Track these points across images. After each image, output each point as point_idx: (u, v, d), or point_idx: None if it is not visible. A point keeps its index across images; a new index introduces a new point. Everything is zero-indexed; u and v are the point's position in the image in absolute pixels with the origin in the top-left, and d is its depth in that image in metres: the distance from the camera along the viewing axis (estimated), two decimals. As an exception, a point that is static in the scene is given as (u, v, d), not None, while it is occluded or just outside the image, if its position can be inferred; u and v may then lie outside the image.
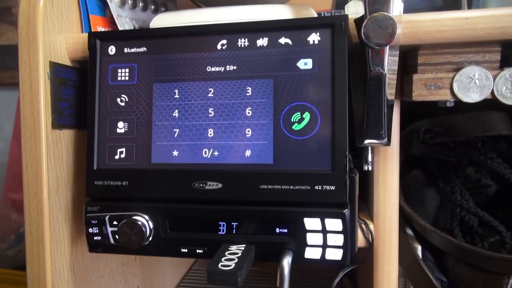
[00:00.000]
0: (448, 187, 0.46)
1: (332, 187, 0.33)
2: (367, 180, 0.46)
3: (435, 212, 0.47)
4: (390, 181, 0.42)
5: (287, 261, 0.32)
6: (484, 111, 0.45)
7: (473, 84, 0.37)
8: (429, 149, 0.48)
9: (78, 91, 0.42)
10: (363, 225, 0.42)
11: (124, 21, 0.47)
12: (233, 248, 0.34)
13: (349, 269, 0.47)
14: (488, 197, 0.47)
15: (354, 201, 0.35)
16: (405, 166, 0.51)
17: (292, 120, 0.35)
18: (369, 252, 0.43)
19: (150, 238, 0.36)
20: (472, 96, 0.37)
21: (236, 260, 0.31)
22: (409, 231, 0.47)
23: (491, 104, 0.45)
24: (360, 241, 0.42)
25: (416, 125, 0.50)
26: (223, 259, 0.31)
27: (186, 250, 0.36)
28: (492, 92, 0.37)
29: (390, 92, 0.37)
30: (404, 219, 0.47)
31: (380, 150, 0.42)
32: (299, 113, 0.35)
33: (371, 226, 0.43)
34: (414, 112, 0.49)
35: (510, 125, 0.45)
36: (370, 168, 0.41)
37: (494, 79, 0.36)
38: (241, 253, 0.33)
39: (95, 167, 0.38)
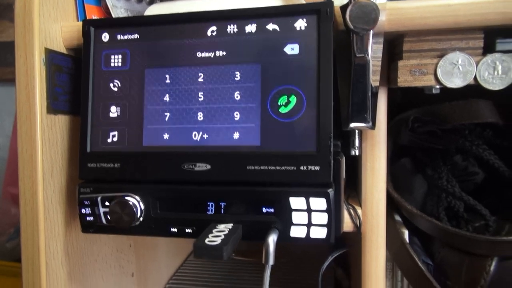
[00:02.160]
0: (436, 174, 0.47)
1: (317, 168, 0.34)
2: (356, 167, 0.47)
3: (422, 199, 0.48)
4: (377, 167, 0.43)
5: (272, 239, 0.33)
6: (471, 100, 0.46)
7: (456, 70, 0.38)
8: (417, 138, 0.49)
9: (73, 78, 0.43)
10: (351, 210, 0.43)
11: (119, 12, 0.48)
12: (221, 226, 0.34)
13: (337, 254, 0.48)
14: (476, 185, 0.48)
15: (339, 183, 0.36)
16: (394, 155, 0.52)
17: (279, 103, 0.36)
18: (357, 237, 0.44)
19: (141, 219, 0.37)
20: (455, 81, 0.38)
21: (223, 236, 0.32)
22: (398, 218, 0.48)
23: (478, 93, 0.46)
24: (348, 226, 0.43)
25: (405, 115, 0.51)
26: (210, 235, 0.32)
27: (175, 230, 0.37)
28: (475, 78, 0.38)
29: (374, 78, 0.38)
30: (393, 206, 0.47)
31: (367, 136, 0.42)
32: (286, 96, 0.36)
33: (359, 211, 0.44)
34: (407, 104, 0.50)
35: (496, 113, 0.46)
36: (357, 153, 0.42)
37: (476, 65, 0.37)
38: (228, 231, 0.34)
39: (88, 150, 0.39)
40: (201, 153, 0.36)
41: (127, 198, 0.37)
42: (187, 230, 0.36)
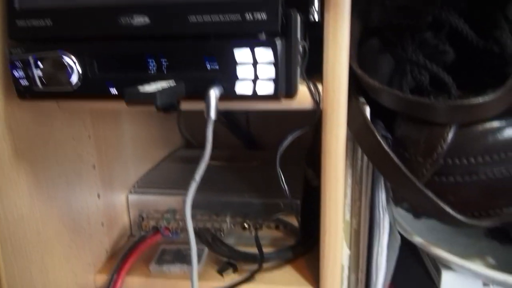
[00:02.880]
0: (404, 51, 0.44)
1: (263, 15, 0.31)
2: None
3: (388, 78, 0.46)
4: (340, 39, 0.40)
5: (213, 92, 0.31)
6: (446, -33, 0.42)
7: None
8: (387, 13, 0.45)
9: None
10: (311, 85, 0.41)
11: None
12: (162, 82, 0.32)
13: (297, 134, 0.46)
14: (445, 64, 0.46)
15: (291, 38, 0.33)
16: (364, 38, 0.49)
17: None
18: (317, 113, 0.42)
19: (79, 82, 0.35)
20: None
21: (160, 88, 0.30)
22: (362, 100, 0.46)
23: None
24: (308, 102, 0.42)
25: (377, -9, 0.47)
26: (146, 85, 0.30)
27: (116, 92, 0.34)
28: None
29: None
30: (358, 88, 0.45)
31: (330, 6, 0.39)
32: None
33: (320, 88, 0.42)
34: None
35: (471, -19, 0.42)
36: (316, 18, 0.39)
37: None
38: (168, 86, 0.31)
39: (16, 6, 0.35)
40: (139, 4, 0.33)
41: (61, 56, 0.34)
42: (127, 91, 0.34)
